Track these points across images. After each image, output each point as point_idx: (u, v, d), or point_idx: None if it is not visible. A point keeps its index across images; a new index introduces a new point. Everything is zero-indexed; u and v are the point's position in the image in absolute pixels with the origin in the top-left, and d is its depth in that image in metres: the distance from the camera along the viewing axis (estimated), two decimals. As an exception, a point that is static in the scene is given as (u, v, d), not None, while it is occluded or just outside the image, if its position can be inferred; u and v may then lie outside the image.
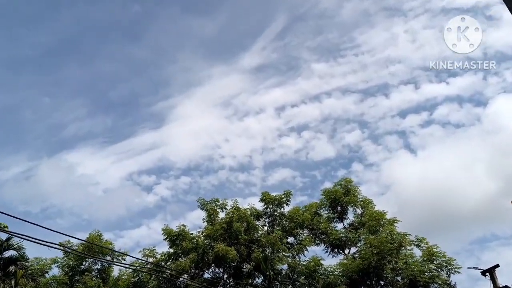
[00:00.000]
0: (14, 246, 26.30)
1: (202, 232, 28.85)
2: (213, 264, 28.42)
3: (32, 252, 44.52)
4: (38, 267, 28.78)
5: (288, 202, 30.09)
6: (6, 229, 15.38)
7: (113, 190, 63.97)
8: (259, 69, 75.53)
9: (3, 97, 67.86)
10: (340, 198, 30.31)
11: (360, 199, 30.54)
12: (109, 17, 70.69)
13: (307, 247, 28.74)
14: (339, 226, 30.61)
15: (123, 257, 29.10)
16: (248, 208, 29.75)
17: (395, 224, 27.88)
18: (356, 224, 29.96)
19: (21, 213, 54.78)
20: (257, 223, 29.74)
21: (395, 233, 26.97)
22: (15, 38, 67.20)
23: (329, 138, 64.88)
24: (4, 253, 26.37)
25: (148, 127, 73.69)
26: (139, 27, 77.65)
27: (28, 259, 27.61)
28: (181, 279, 28.10)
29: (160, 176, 68.25)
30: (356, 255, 28.10)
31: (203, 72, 74.89)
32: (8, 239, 25.60)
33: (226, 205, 30.04)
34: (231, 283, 28.72)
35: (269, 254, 27.72)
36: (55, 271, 29.51)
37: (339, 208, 30.72)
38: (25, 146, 68.39)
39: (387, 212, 28.67)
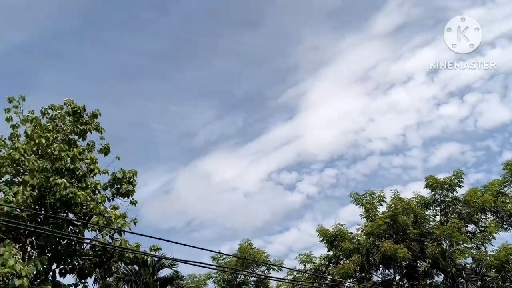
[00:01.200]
0: (167, 264, 25.85)
1: (362, 230, 25.87)
2: (381, 265, 25.41)
3: (184, 268, 44.54)
4: (193, 285, 27.51)
5: (461, 184, 25.68)
6: (159, 250, 14.78)
7: (254, 193, 59.26)
8: (398, 30, 62.73)
9: (127, 112, 65.23)
10: (530, 170, 25.47)
11: (557, 167, 25.45)
12: (218, 6, 65.83)
13: (494, 234, 24.33)
14: (533, 204, 25.78)
15: (279, 267, 26.90)
16: (412, 197, 25.93)
17: None
18: (557, 199, 25.03)
19: (166, 230, 54.14)
20: (426, 213, 25.89)
21: None
22: (122, 47, 64.86)
23: (501, 97, 51.49)
24: (159, 272, 26.01)
25: (279, 120, 66.28)
26: (254, 12, 67.06)
27: (183, 277, 26.79)
28: (347, 284, 25.47)
29: (301, 172, 61.10)
30: (562, 238, 23.41)
31: (331, 48, 65.00)
32: (160, 258, 24.80)
33: (384, 197, 26.52)
34: (406, 285, 25.23)
35: (447, 248, 23.99)
36: (210, 286, 28.06)
37: (530, 182, 25.88)
38: (160, 159, 66.71)
39: None
